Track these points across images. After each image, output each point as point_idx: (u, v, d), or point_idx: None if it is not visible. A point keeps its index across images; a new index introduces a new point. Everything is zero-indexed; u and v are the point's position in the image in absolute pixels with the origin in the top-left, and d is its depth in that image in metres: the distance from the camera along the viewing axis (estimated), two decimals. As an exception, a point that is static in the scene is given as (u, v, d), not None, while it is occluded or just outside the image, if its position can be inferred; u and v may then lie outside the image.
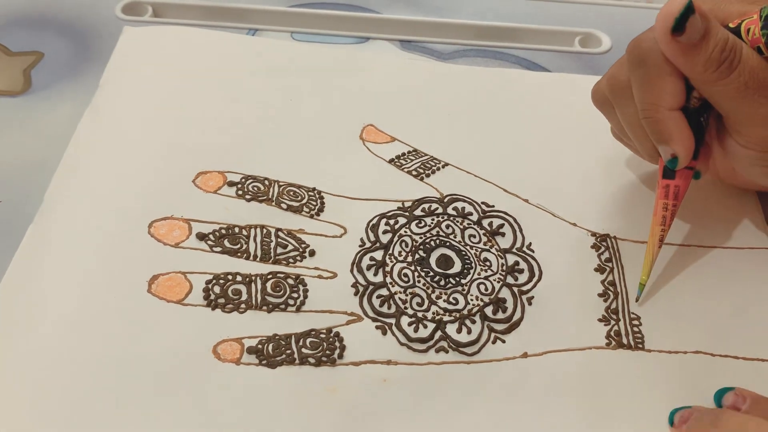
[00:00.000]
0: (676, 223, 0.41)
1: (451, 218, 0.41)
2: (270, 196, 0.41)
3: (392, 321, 0.36)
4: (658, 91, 0.35)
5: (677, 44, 0.33)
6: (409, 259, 0.39)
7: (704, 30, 0.33)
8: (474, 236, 0.40)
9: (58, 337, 0.34)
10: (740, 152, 0.37)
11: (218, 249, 0.38)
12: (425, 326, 0.36)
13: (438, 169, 0.43)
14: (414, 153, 0.44)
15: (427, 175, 0.43)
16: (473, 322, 0.37)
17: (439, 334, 0.36)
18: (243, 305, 0.36)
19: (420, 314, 0.37)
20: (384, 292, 0.37)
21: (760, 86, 0.33)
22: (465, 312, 0.37)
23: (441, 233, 0.40)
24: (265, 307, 0.36)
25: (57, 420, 0.32)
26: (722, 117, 0.36)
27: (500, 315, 0.37)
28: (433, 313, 0.37)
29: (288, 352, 0.35)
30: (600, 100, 0.40)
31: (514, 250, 0.40)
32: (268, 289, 0.37)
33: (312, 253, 0.39)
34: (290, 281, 0.37)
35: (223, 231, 0.39)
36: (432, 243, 0.39)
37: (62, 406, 0.32)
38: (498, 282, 0.38)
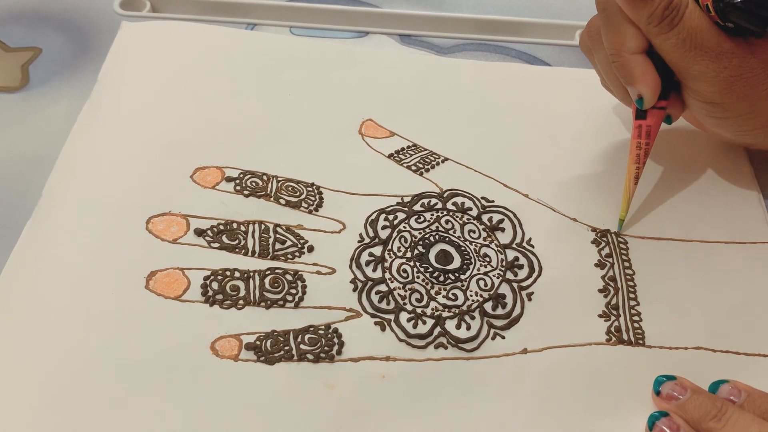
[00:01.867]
0: (677, 217, 0.41)
1: (451, 213, 0.41)
2: (268, 192, 0.41)
3: (391, 317, 0.36)
4: (620, 36, 0.38)
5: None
6: (408, 254, 0.39)
7: None
8: (473, 231, 0.40)
9: (55, 333, 0.34)
10: (693, 104, 0.39)
11: (216, 245, 0.38)
12: (424, 322, 0.36)
13: (437, 164, 0.43)
14: (413, 148, 0.44)
15: (427, 170, 0.43)
16: (472, 317, 0.36)
17: (438, 330, 0.36)
18: (241, 301, 0.36)
19: (419, 310, 0.36)
20: (383, 287, 0.37)
21: (697, 45, 0.36)
22: (464, 308, 0.37)
23: (440, 228, 0.40)
24: (263, 303, 0.36)
25: (54, 415, 0.32)
26: None
27: (500, 311, 0.37)
28: (432, 309, 0.36)
29: (286, 348, 0.35)
30: (584, 47, 0.42)
31: (513, 245, 0.40)
32: (267, 285, 0.37)
33: (310, 249, 0.38)
34: (289, 277, 0.37)
35: (221, 227, 0.39)
36: (431, 238, 0.39)
37: (60, 402, 0.32)
38: (497, 277, 0.38)
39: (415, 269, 0.38)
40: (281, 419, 0.33)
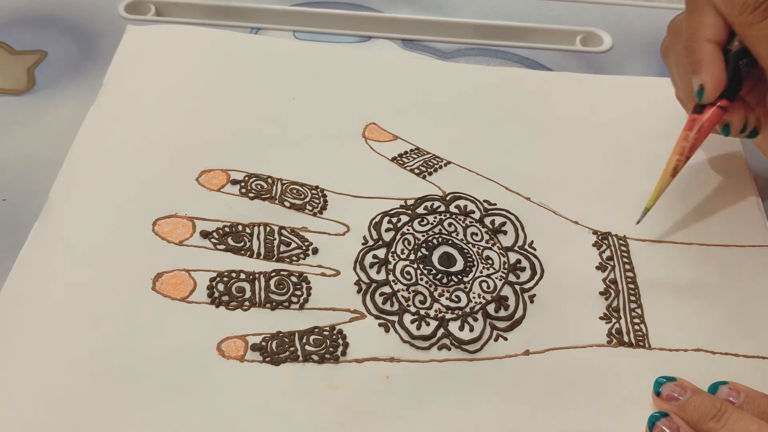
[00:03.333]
0: (677, 221, 0.41)
1: (454, 216, 0.41)
2: (273, 194, 0.41)
3: (395, 318, 0.36)
4: (699, 22, 0.37)
5: None
6: (412, 256, 0.39)
7: None
8: (476, 234, 0.40)
9: (62, 335, 0.35)
10: None
11: (222, 247, 0.38)
12: (428, 324, 0.36)
13: (440, 167, 0.43)
14: (416, 151, 0.44)
15: (430, 174, 0.43)
16: (475, 319, 0.37)
17: (441, 331, 0.36)
18: (247, 303, 0.36)
19: (422, 312, 0.37)
20: (387, 289, 0.38)
21: None
22: (467, 310, 0.37)
23: (443, 231, 0.40)
24: (268, 305, 0.36)
25: (61, 416, 0.32)
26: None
27: (502, 313, 0.37)
28: (436, 311, 0.37)
29: (291, 349, 0.35)
30: (663, 51, 0.42)
31: (516, 248, 0.40)
32: (272, 287, 0.37)
33: (315, 251, 0.39)
34: (293, 279, 0.37)
35: (227, 229, 0.39)
36: (434, 241, 0.40)
37: (67, 403, 0.32)
38: (500, 280, 0.38)
39: (419, 271, 0.38)
40: (286, 419, 0.33)
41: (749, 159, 0.45)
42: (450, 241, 0.40)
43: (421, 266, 0.39)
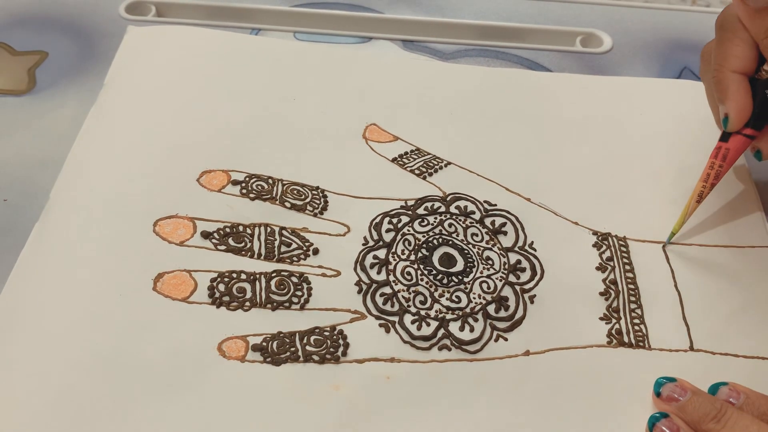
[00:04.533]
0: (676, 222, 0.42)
1: (454, 217, 0.41)
2: (274, 195, 0.41)
3: (395, 319, 0.37)
4: (727, 52, 0.37)
5: (746, 7, 0.36)
6: (412, 257, 0.39)
7: None
8: (476, 235, 0.40)
9: (63, 335, 0.35)
10: None
11: (223, 247, 0.39)
12: (428, 324, 0.36)
13: (440, 168, 0.43)
14: (416, 152, 0.44)
15: (430, 174, 0.43)
16: (476, 320, 0.37)
17: (441, 331, 0.36)
18: (247, 303, 0.36)
19: (423, 312, 0.37)
20: (387, 290, 0.38)
21: None
22: (467, 310, 0.37)
23: (444, 232, 0.40)
24: (269, 305, 0.37)
25: (62, 416, 0.32)
26: None
27: (502, 313, 0.37)
28: (436, 311, 0.37)
29: (292, 349, 0.35)
30: (701, 70, 0.42)
31: (516, 248, 0.40)
32: (273, 287, 0.37)
33: (315, 252, 0.39)
34: (294, 279, 0.38)
35: (228, 229, 0.39)
36: (435, 241, 0.40)
37: (68, 403, 0.33)
38: (500, 280, 0.38)
39: (419, 272, 0.38)
40: (287, 419, 0.33)
41: (749, 160, 0.45)
42: (450, 242, 0.40)
43: (421, 267, 0.39)
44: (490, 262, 0.39)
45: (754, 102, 0.37)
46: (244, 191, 0.41)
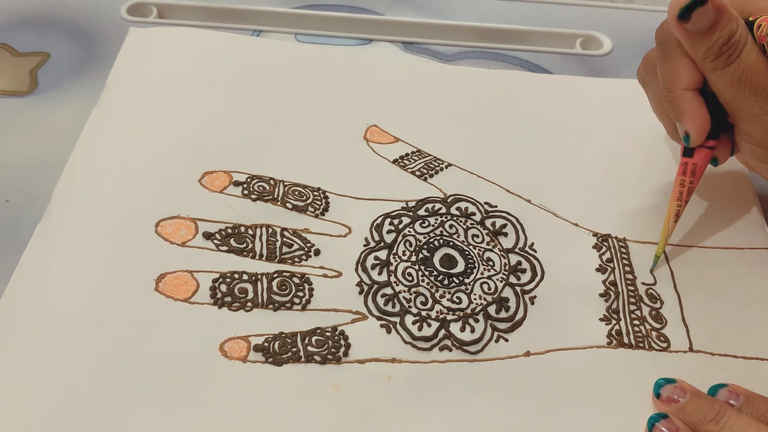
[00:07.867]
0: (677, 224, 0.42)
1: (455, 218, 0.41)
2: (275, 196, 0.41)
3: (396, 319, 0.37)
4: (674, 70, 0.37)
5: (684, 30, 0.35)
6: (413, 258, 0.39)
7: (713, 21, 0.35)
8: (477, 236, 0.40)
9: (65, 336, 0.35)
10: (744, 146, 0.38)
11: (224, 248, 0.39)
12: (429, 325, 0.37)
13: (441, 169, 0.44)
14: (417, 153, 0.44)
15: (431, 176, 0.43)
16: (476, 321, 0.37)
17: (442, 332, 0.36)
18: (249, 303, 0.37)
19: (424, 313, 0.37)
20: (388, 291, 0.38)
21: (751, 85, 0.35)
22: (468, 311, 0.37)
23: (444, 233, 0.40)
24: (271, 306, 0.37)
25: (63, 416, 0.32)
26: None
27: (503, 314, 0.37)
28: (437, 312, 0.37)
29: (294, 350, 0.35)
30: (640, 78, 0.42)
31: (516, 249, 0.40)
32: (274, 288, 0.37)
33: (317, 253, 0.39)
34: (296, 280, 0.38)
35: (229, 230, 0.39)
36: (436, 243, 0.40)
37: (70, 404, 0.33)
38: (501, 281, 0.39)
39: (420, 273, 0.39)
40: (289, 420, 0.33)
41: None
42: (451, 243, 0.40)
43: (422, 268, 0.39)
44: (490, 263, 0.39)
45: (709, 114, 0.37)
46: (245, 192, 0.41)
